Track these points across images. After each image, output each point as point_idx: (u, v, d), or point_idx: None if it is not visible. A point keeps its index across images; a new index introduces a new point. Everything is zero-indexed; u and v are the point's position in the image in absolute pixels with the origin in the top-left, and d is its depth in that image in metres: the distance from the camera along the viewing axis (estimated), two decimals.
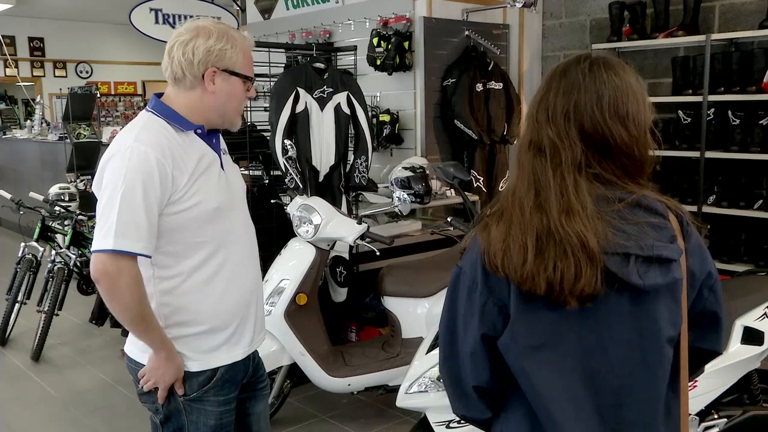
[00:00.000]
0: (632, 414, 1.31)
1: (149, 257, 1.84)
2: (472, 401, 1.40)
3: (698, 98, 4.76)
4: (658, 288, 1.27)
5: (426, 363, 2.75)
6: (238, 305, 2.01)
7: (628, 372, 1.29)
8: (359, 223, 3.47)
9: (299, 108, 4.04)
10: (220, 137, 2.06)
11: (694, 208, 4.75)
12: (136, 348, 1.98)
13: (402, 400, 2.79)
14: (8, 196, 5.41)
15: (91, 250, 1.80)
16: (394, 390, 3.17)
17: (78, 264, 5.16)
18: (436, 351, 2.74)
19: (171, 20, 7.86)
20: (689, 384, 2.42)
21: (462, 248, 1.41)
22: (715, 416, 2.81)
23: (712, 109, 4.72)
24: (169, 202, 1.84)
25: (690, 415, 2.69)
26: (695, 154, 4.78)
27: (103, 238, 1.77)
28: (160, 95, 1.97)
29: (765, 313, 2.83)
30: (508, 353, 1.32)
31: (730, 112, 4.65)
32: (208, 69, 1.88)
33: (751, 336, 2.77)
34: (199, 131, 1.94)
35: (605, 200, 1.27)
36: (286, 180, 3.92)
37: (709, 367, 2.69)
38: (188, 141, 1.91)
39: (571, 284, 1.23)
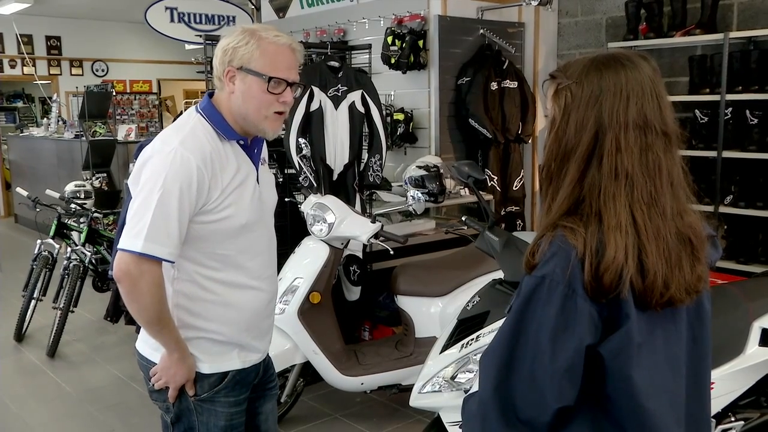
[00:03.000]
0: (694, 387, 1.34)
1: (173, 263, 1.84)
2: (524, 430, 1.29)
3: (716, 97, 4.71)
4: (711, 264, 1.34)
5: (440, 363, 2.74)
6: (253, 319, 2.00)
7: (689, 348, 1.33)
8: (373, 221, 3.46)
9: (314, 106, 4.04)
10: (264, 146, 2.03)
11: (710, 208, 4.70)
12: (147, 346, 1.98)
13: (415, 400, 2.78)
14: (25, 193, 5.46)
15: (118, 246, 1.79)
16: (407, 389, 3.17)
17: (93, 261, 5.20)
18: (450, 351, 2.75)
19: (186, 19, 7.88)
20: None
21: (532, 257, 1.29)
22: (732, 419, 2.77)
23: (730, 108, 4.66)
24: (201, 211, 1.83)
25: None
26: (712, 153, 4.73)
27: (133, 238, 1.76)
28: (212, 94, 1.95)
29: None
30: (618, 357, 1.24)
31: (748, 112, 4.60)
32: (226, 69, 1.87)
33: None
34: (241, 142, 1.93)
35: None
36: (300, 178, 3.92)
37: (726, 369, 2.67)
38: (230, 151, 1.89)
39: (693, 284, 1.26)
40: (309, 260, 3.53)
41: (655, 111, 1.27)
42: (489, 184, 5.20)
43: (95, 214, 5.30)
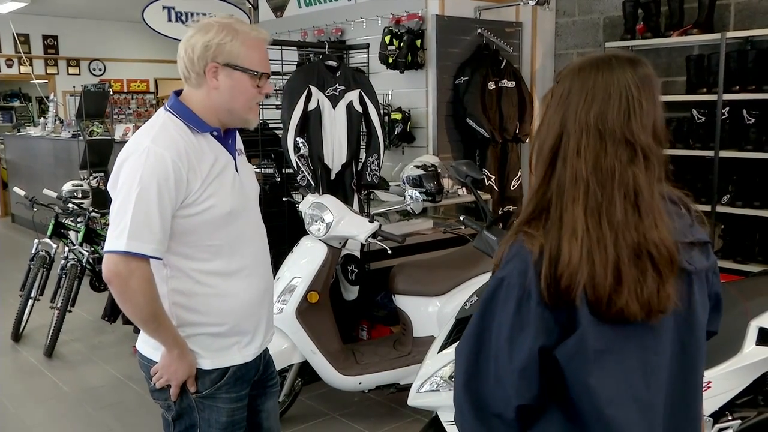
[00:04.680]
0: (679, 401, 1.32)
1: (160, 259, 1.84)
2: (496, 424, 1.32)
3: (713, 97, 4.72)
4: (701, 271, 1.30)
5: (438, 362, 2.74)
6: (251, 307, 2.01)
7: (673, 360, 1.30)
8: (371, 221, 3.47)
9: (311, 106, 4.04)
10: (237, 136, 2.05)
11: (708, 208, 4.71)
12: (148, 345, 1.98)
13: (413, 399, 2.79)
14: (22, 193, 5.45)
15: (104, 250, 1.81)
16: (405, 388, 3.17)
17: (91, 261, 5.19)
18: (448, 350, 2.74)
19: (183, 18, 7.88)
20: (703, 385, 2.39)
21: (497, 260, 1.34)
22: (729, 418, 2.78)
23: (727, 108, 4.67)
24: (183, 205, 1.84)
25: (704, 416, 2.68)
26: (709, 153, 4.74)
27: (116, 239, 1.77)
28: (179, 93, 1.96)
29: None
30: (572, 361, 1.25)
31: (744, 111, 4.61)
32: (208, 65, 1.86)
33: (767, 337, 2.74)
34: (215, 134, 1.94)
35: None
36: (298, 178, 3.92)
37: (723, 368, 2.68)
38: (204, 143, 1.90)
39: (660, 303, 1.22)
40: (307, 260, 3.53)
41: (620, 117, 1.25)
42: (487, 184, 5.20)
43: (92, 214, 5.29)
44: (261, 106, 4.48)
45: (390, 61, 5.08)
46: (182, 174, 1.81)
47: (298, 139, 3.93)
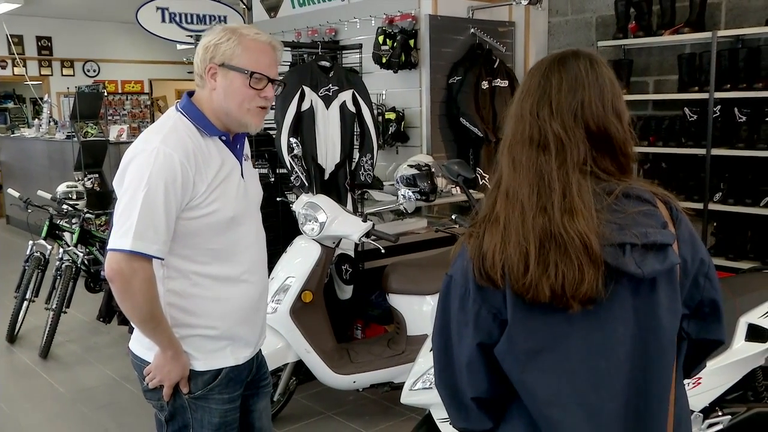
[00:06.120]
0: (641, 409, 1.28)
1: (162, 259, 1.85)
2: (472, 412, 1.36)
3: (704, 95, 4.74)
4: (656, 275, 1.25)
5: (430, 360, 2.74)
6: (246, 312, 2.02)
7: (633, 366, 1.27)
8: (364, 220, 3.48)
9: (305, 106, 4.05)
10: (246, 142, 2.05)
11: (700, 206, 4.74)
12: (141, 345, 1.99)
13: (406, 397, 2.80)
14: (16, 194, 5.45)
15: (108, 248, 1.81)
16: (400, 387, 3.18)
17: (86, 262, 5.20)
18: None
19: (177, 19, 7.87)
20: (693, 381, 2.40)
21: (451, 255, 1.38)
22: (720, 413, 2.80)
23: (718, 106, 4.70)
24: (187, 207, 1.85)
25: (694, 412, 2.70)
26: (701, 151, 4.76)
27: (121, 238, 1.78)
28: (191, 94, 1.98)
29: None
30: (505, 360, 1.28)
31: (736, 109, 4.63)
32: (207, 66, 1.90)
33: (756, 333, 2.77)
34: (223, 138, 1.95)
35: (596, 195, 1.26)
36: (292, 178, 3.94)
37: (713, 364, 2.70)
38: (213, 146, 1.91)
39: (573, 289, 1.21)
40: (301, 259, 3.54)
41: (533, 104, 1.31)
42: (480, 182, 5.22)
43: (87, 215, 5.29)
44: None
45: (383, 61, 5.09)
46: (189, 175, 1.82)
47: (291, 139, 3.95)
